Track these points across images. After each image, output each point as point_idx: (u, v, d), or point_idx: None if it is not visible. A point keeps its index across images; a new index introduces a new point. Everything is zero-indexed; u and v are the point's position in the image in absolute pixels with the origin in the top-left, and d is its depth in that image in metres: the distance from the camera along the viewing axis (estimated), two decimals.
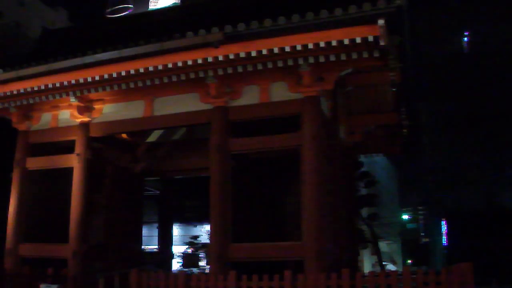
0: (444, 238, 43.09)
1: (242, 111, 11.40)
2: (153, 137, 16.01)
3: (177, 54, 10.27)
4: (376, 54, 9.62)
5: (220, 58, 10.08)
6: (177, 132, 15.92)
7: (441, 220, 44.03)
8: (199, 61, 10.21)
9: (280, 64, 10.20)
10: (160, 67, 10.51)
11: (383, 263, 28.52)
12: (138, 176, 16.64)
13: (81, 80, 11.28)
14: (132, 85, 11.39)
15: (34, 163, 13.44)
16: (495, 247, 34.03)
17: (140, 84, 11.28)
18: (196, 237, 33.69)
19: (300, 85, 10.74)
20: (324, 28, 9.31)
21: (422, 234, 52.87)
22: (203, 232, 33.07)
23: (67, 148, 12.99)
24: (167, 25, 13.08)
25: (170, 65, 10.45)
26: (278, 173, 11.96)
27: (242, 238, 10.80)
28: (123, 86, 11.49)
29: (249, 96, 11.38)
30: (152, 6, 39.65)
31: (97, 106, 12.90)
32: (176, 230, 33.91)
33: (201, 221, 34.43)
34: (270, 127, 11.10)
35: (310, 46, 9.52)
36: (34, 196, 13.49)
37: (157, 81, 11.15)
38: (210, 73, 10.83)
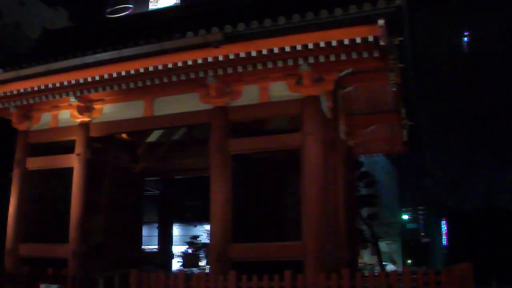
0: (444, 238, 43.09)
1: (242, 111, 11.39)
2: (153, 137, 16.01)
3: (177, 54, 10.26)
4: (376, 54, 9.61)
5: (220, 58, 10.08)
6: (177, 132, 15.91)
7: (441, 220, 44.05)
8: (199, 61, 10.20)
9: (280, 64, 10.19)
10: (160, 67, 10.51)
11: (383, 263, 28.53)
12: (138, 176, 16.63)
13: (81, 80, 11.28)
14: (132, 85, 11.38)
15: (34, 163, 13.44)
16: (495, 247, 34.02)
17: (140, 84, 11.27)
18: (196, 237, 33.77)
19: (300, 85, 10.74)
20: (324, 28, 9.30)
21: (422, 234, 52.90)
22: (203, 232, 33.15)
23: (67, 148, 12.99)
24: (167, 25, 13.08)
25: (170, 65, 10.44)
26: (278, 173, 11.96)
27: (242, 238, 10.80)
28: (123, 86, 11.49)
29: (249, 96, 11.38)
30: (152, 6, 39.75)
31: (97, 106, 12.90)
32: (176, 230, 33.98)
33: (201, 221, 34.51)
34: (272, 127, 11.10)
35: (310, 46, 9.52)
36: (34, 196, 13.49)
37: (157, 81, 11.14)
38: (210, 73, 10.83)
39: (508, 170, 42.84)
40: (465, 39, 51.18)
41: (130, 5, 38.74)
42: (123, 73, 10.86)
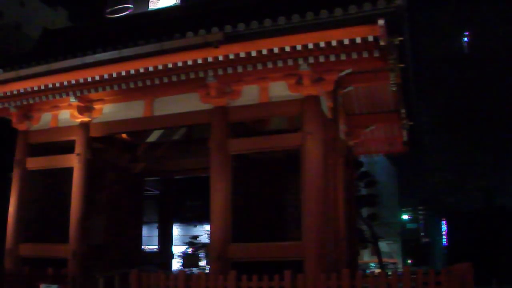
0: (444, 238, 43.08)
1: (242, 111, 11.39)
2: (153, 137, 15.99)
3: (177, 54, 10.26)
4: (376, 54, 9.61)
5: (220, 58, 10.08)
6: (177, 132, 15.90)
7: (441, 220, 44.03)
8: (199, 61, 10.20)
9: (280, 64, 10.19)
10: (160, 67, 10.51)
11: (389, 262, 28.55)
12: (138, 176, 16.63)
13: (81, 80, 11.28)
14: (132, 85, 11.38)
15: (34, 163, 13.44)
16: (495, 247, 34.02)
17: (140, 84, 11.27)
18: (196, 237, 33.75)
19: (300, 85, 10.73)
20: (324, 28, 9.30)
21: (422, 234, 52.91)
22: (203, 232, 33.13)
23: (67, 148, 12.99)
24: (167, 25, 13.07)
25: (170, 65, 10.44)
26: (278, 173, 11.98)
27: (242, 238, 10.80)
28: (123, 86, 11.48)
29: (249, 96, 11.38)
30: (152, 6, 39.79)
31: (97, 106, 12.90)
32: (176, 230, 33.96)
33: (201, 221, 34.48)
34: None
35: (310, 46, 9.52)
36: (34, 196, 13.48)
37: (157, 81, 11.14)
38: (210, 73, 10.83)
39: (508, 170, 42.83)
40: (465, 39, 51.16)
41: (130, 5, 38.78)
42: (123, 73, 10.86)
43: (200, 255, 31.27)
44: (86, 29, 16.29)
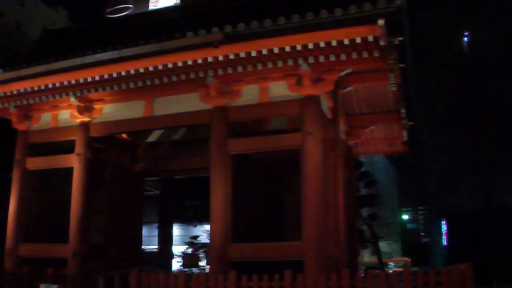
0: (444, 238, 43.08)
1: (242, 111, 11.40)
2: (153, 137, 16.00)
3: (177, 54, 10.27)
4: (376, 54, 9.62)
5: (220, 58, 10.08)
6: (177, 132, 15.91)
7: (441, 220, 44.04)
8: (199, 61, 10.21)
9: (280, 64, 10.20)
10: (160, 67, 10.51)
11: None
12: (138, 176, 16.63)
13: (81, 80, 11.29)
14: (132, 85, 11.38)
15: (34, 163, 13.44)
16: (495, 247, 34.01)
17: (140, 84, 11.28)
18: (196, 237, 33.75)
19: (300, 85, 10.74)
20: (324, 28, 9.31)
21: (422, 234, 52.90)
22: (203, 232, 33.13)
23: (67, 148, 12.99)
24: (167, 25, 13.09)
25: (170, 65, 10.45)
26: (278, 173, 11.99)
27: (242, 238, 10.80)
28: (123, 86, 11.49)
29: (249, 96, 11.38)
30: (152, 6, 39.76)
31: (97, 106, 12.90)
32: (176, 230, 33.98)
33: (201, 221, 34.49)
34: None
35: (310, 46, 9.52)
36: (34, 196, 13.49)
37: (157, 81, 11.14)
38: (210, 73, 10.84)
39: (508, 170, 42.81)
40: (465, 39, 51.19)
41: (130, 5, 38.77)
42: (123, 73, 10.87)
43: (200, 255, 31.28)
44: (86, 29, 16.28)
